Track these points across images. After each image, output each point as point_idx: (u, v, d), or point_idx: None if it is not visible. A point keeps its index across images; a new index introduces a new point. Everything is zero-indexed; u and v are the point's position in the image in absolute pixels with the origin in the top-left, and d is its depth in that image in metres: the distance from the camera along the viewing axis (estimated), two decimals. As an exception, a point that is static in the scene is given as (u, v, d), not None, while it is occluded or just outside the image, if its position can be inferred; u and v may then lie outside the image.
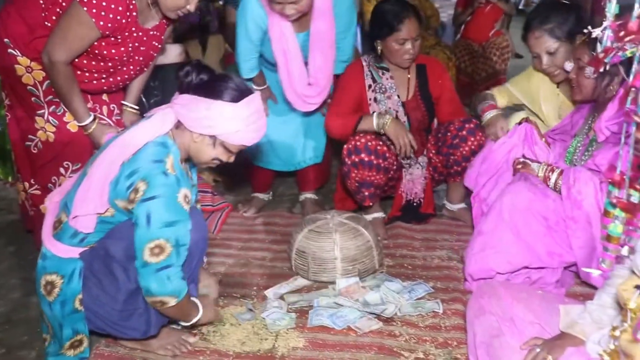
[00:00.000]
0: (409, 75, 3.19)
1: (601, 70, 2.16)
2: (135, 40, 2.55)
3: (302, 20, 3.01)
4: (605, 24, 1.41)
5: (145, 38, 2.60)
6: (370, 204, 3.10)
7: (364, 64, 3.18)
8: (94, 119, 2.59)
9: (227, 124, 1.98)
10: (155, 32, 2.64)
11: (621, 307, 1.48)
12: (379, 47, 3.09)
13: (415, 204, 3.30)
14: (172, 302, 1.99)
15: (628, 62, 2.37)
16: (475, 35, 5.45)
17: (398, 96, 3.16)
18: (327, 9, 3.00)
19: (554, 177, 2.47)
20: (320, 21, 3.02)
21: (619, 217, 1.53)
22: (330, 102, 3.23)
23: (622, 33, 1.29)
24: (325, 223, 2.78)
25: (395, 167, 3.10)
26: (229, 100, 1.97)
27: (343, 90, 3.15)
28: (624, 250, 1.58)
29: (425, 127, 3.27)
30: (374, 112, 3.06)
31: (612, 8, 1.51)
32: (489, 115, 2.95)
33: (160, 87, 3.59)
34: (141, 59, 2.67)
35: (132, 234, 1.95)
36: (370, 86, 3.15)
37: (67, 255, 2.05)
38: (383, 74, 3.16)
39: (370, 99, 3.15)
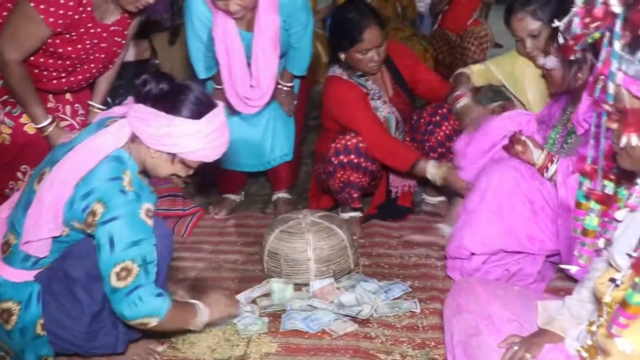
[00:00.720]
0: (383, 71, 3.11)
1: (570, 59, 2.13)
2: (93, 36, 2.46)
3: (249, 18, 2.89)
4: (573, 10, 1.36)
5: (105, 34, 2.50)
6: (359, 205, 3.03)
7: (345, 77, 3.02)
8: (52, 122, 2.49)
9: (189, 142, 1.86)
10: (116, 28, 2.55)
11: (599, 301, 1.44)
12: (343, 58, 2.97)
13: (393, 197, 3.24)
14: (153, 322, 1.88)
15: (596, 49, 2.36)
16: (452, 25, 5.38)
17: (387, 98, 3.09)
18: (271, 7, 2.85)
19: (552, 168, 2.37)
20: (264, 20, 2.87)
21: (594, 210, 1.47)
22: (359, 126, 2.94)
23: (587, 19, 1.23)
24: (298, 223, 2.69)
25: (379, 167, 3.03)
26: (190, 117, 1.84)
27: (363, 108, 2.94)
28: (600, 243, 1.55)
29: (411, 115, 3.22)
30: (432, 162, 2.86)
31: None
32: (459, 105, 2.88)
33: (126, 86, 3.47)
34: (103, 56, 2.57)
35: (91, 252, 1.84)
36: (367, 95, 3.04)
37: (21, 279, 1.93)
38: (366, 80, 3.06)
39: (373, 109, 3.05)
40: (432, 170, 2.84)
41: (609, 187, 1.47)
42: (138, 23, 2.73)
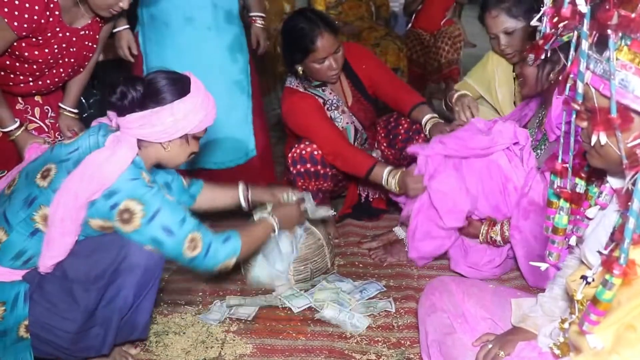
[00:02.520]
0: (341, 80, 3.01)
1: (541, 58, 2.14)
2: (62, 40, 2.40)
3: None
4: (542, 9, 1.36)
5: (74, 38, 2.45)
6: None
7: (300, 89, 2.94)
8: (20, 125, 2.43)
9: (193, 116, 1.94)
10: (87, 32, 2.49)
11: (571, 298, 1.45)
12: (299, 70, 2.87)
13: (369, 199, 3.22)
14: (234, 260, 2.08)
15: (567, 48, 2.37)
16: (426, 25, 5.38)
17: (346, 107, 3.02)
18: None
19: (496, 230, 2.52)
20: None
21: (564, 208, 1.48)
22: (314, 136, 2.86)
23: (555, 19, 1.24)
24: None
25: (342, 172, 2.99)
26: (182, 95, 1.91)
27: (316, 121, 2.85)
28: (572, 240, 1.55)
29: (374, 121, 3.17)
30: (387, 169, 2.76)
31: (550, -8, 1.47)
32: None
33: (99, 86, 3.43)
34: (72, 60, 2.51)
35: (92, 252, 1.86)
36: (324, 105, 2.96)
37: (8, 278, 1.86)
38: (324, 89, 2.97)
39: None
40: (387, 176, 2.74)
41: (580, 185, 1.48)
42: (111, 26, 2.68)
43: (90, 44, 2.54)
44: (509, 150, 2.46)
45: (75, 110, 2.71)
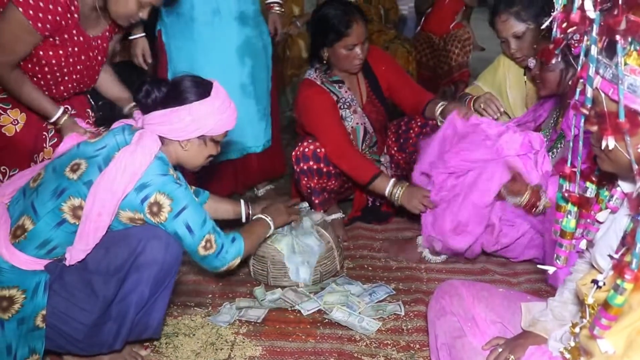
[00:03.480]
0: (360, 78, 3.08)
1: (565, 62, 2.18)
2: (75, 44, 2.42)
3: None
4: (553, 14, 1.37)
5: (86, 45, 2.47)
6: (322, 210, 2.96)
7: (317, 82, 2.99)
8: (64, 112, 2.44)
9: (211, 118, 2.03)
10: (97, 42, 2.52)
11: (581, 303, 1.44)
12: (325, 55, 2.93)
13: (377, 204, 3.22)
14: (237, 260, 2.20)
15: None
16: (435, 28, 5.39)
17: (360, 106, 3.05)
18: None
19: (542, 203, 2.41)
20: None
21: (572, 212, 1.48)
22: (319, 132, 2.90)
23: (564, 24, 1.24)
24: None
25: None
26: (201, 97, 2.01)
27: (327, 120, 2.89)
28: (582, 244, 1.55)
29: (385, 124, 3.18)
30: (392, 181, 2.80)
31: (560, -2, 1.49)
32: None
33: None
34: (81, 67, 2.52)
35: (114, 245, 1.92)
36: (337, 102, 2.99)
37: (30, 267, 1.89)
38: (340, 87, 3.01)
39: (342, 118, 3.00)
40: (391, 188, 2.78)
41: (591, 189, 1.49)
42: (118, 39, 2.70)
43: (98, 55, 2.56)
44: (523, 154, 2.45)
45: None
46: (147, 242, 1.93)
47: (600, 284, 1.33)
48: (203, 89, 2.03)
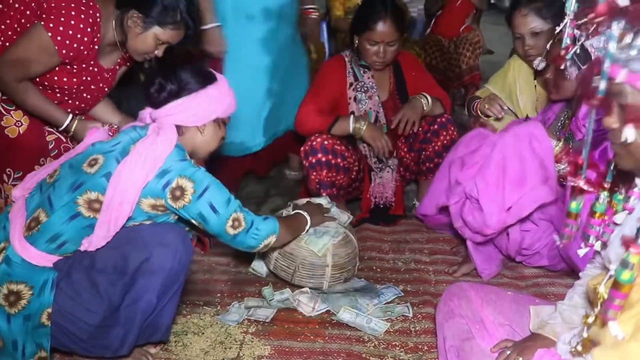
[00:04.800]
0: (389, 74, 3.14)
1: (574, 68, 2.19)
2: (89, 74, 2.47)
3: None
4: (565, 20, 1.39)
5: (98, 77, 2.52)
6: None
7: (346, 59, 3.11)
8: (73, 118, 2.47)
9: (223, 100, 2.14)
10: (108, 74, 2.56)
11: (591, 303, 1.45)
12: (356, 42, 3.03)
13: (384, 206, 3.24)
14: (273, 239, 2.22)
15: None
16: (445, 31, 5.38)
17: (378, 96, 3.10)
18: None
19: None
20: None
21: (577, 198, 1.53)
22: (307, 94, 3.12)
23: (585, 19, 1.26)
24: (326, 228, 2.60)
25: (357, 168, 3.03)
26: (212, 82, 2.11)
27: (323, 85, 3.06)
28: (597, 246, 1.56)
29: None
30: (351, 114, 2.98)
31: (571, 4, 1.51)
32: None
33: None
34: (87, 96, 2.55)
35: (122, 245, 1.92)
36: (351, 84, 3.08)
37: (40, 262, 1.90)
38: (365, 72, 3.09)
39: (350, 98, 3.08)
40: (353, 123, 2.94)
41: (603, 196, 1.50)
42: (124, 71, 2.72)
43: (105, 87, 2.60)
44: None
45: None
46: (154, 249, 1.91)
47: (612, 272, 1.33)
48: (209, 75, 2.13)
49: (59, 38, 2.26)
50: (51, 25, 2.25)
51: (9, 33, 2.39)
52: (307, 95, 3.10)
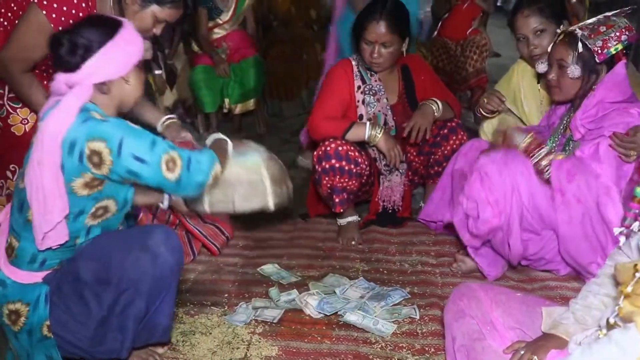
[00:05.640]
0: (397, 78, 3.14)
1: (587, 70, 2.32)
2: None
3: None
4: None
5: None
6: (341, 210, 3.01)
7: (354, 63, 3.10)
8: None
9: (137, 41, 1.94)
10: None
11: (617, 283, 1.42)
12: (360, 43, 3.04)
13: (391, 210, 3.23)
14: (218, 166, 2.01)
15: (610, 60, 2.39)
16: (452, 33, 5.39)
17: (387, 99, 3.10)
18: None
19: (541, 153, 2.44)
20: None
21: None
22: (316, 100, 3.12)
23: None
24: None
25: (368, 172, 3.02)
26: (119, 27, 1.89)
27: (332, 90, 3.05)
28: (635, 226, 1.55)
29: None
30: (368, 121, 2.96)
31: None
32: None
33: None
34: None
35: (103, 255, 1.86)
36: (359, 87, 3.07)
37: (29, 280, 1.91)
38: (372, 75, 3.08)
39: (358, 101, 3.07)
40: (369, 130, 2.92)
41: None
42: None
43: None
44: None
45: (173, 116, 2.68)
46: (134, 256, 1.85)
47: None
48: (111, 22, 1.92)
49: (53, 15, 2.23)
50: (45, 2, 2.23)
51: (10, 16, 2.39)
52: (317, 101, 3.09)
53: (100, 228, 1.96)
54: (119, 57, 1.89)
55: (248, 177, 2.24)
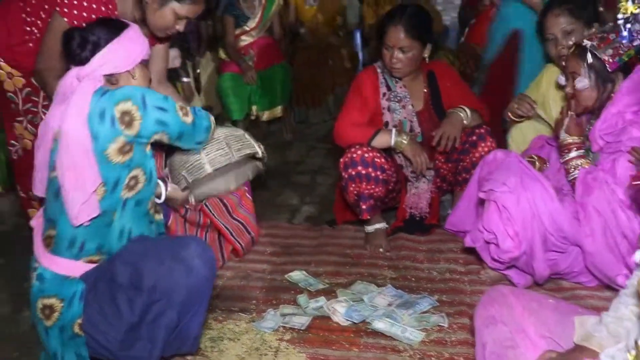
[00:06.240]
0: (422, 84, 3.14)
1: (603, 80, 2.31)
2: None
3: None
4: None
5: None
6: (368, 217, 3.00)
7: (379, 70, 3.11)
8: None
9: (142, 41, 2.10)
10: None
11: None
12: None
13: (419, 217, 3.22)
14: (212, 117, 2.25)
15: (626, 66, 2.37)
16: (479, 40, 5.35)
17: (412, 105, 3.09)
18: None
19: (572, 155, 2.50)
20: None
21: None
22: (343, 107, 3.12)
23: None
24: None
25: (395, 179, 3.02)
26: (127, 27, 2.06)
27: (358, 97, 3.06)
28: None
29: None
30: (393, 128, 2.97)
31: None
32: None
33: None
34: None
35: (139, 260, 1.90)
36: (384, 94, 3.08)
37: (69, 272, 1.94)
38: (397, 81, 3.09)
39: (384, 108, 3.08)
40: (396, 137, 2.93)
41: None
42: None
43: None
44: None
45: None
46: (168, 266, 1.88)
47: None
48: (116, 22, 2.09)
49: (75, 22, 2.28)
50: (65, 10, 2.29)
51: (36, 21, 2.46)
52: (344, 108, 3.10)
53: (135, 202, 2.01)
54: (125, 52, 2.03)
55: (233, 133, 2.49)
